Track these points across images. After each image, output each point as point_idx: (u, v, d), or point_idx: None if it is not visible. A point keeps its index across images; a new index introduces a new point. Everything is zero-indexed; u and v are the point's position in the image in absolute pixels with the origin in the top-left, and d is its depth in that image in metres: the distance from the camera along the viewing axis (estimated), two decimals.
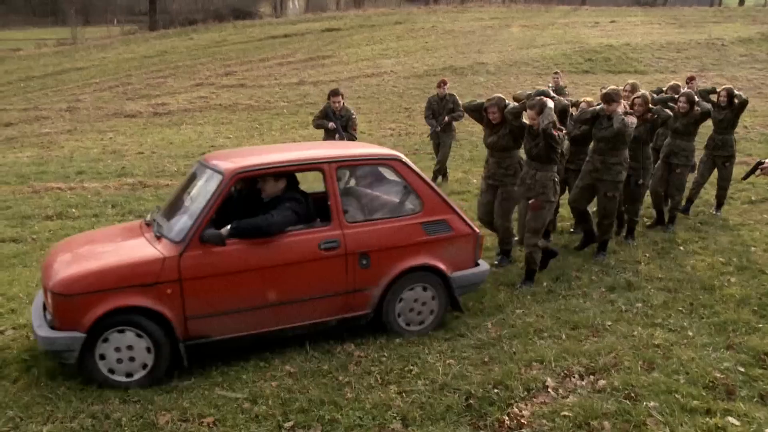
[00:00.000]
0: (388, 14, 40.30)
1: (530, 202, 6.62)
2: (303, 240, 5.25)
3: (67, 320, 4.73)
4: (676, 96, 8.58)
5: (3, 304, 6.54)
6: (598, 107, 7.38)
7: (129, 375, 4.89)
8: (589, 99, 8.27)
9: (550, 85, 11.99)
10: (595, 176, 7.37)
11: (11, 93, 24.69)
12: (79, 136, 17.33)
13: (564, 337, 5.37)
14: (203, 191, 5.27)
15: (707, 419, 4.12)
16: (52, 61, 32.06)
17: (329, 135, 9.54)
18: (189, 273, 4.92)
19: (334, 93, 9.66)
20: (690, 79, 10.98)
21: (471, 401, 4.39)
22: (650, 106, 7.74)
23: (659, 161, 8.74)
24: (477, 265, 5.96)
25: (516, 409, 4.28)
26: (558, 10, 39.29)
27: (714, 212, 9.27)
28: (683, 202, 9.08)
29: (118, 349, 4.84)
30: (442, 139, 11.30)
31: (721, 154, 9.13)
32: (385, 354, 5.17)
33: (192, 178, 5.68)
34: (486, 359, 5.00)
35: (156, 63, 29.17)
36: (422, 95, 18.40)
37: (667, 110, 7.88)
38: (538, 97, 6.61)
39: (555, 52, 25.21)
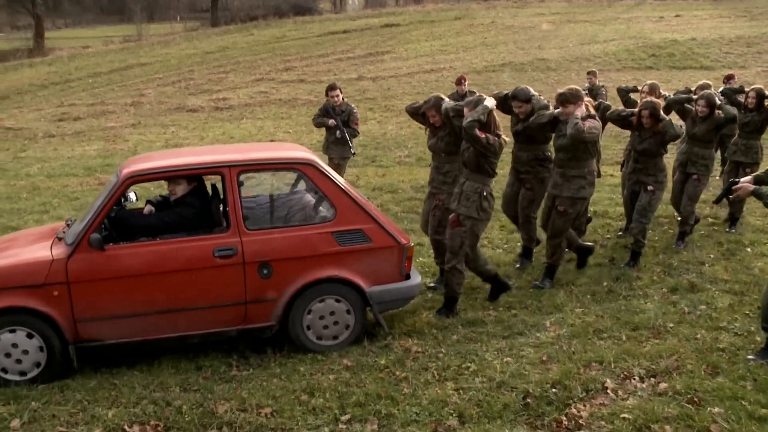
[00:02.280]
0: (447, 10, 40.12)
1: (450, 216, 6.03)
2: (195, 246, 5.11)
3: None
4: (695, 96, 7.74)
5: None
6: (556, 111, 6.51)
7: (23, 374, 4.98)
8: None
9: (586, 84, 11.57)
10: (555, 193, 6.54)
11: (80, 88, 25.47)
12: (143, 130, 17.76)
13: (624, 338, 5.27)
14: (101, 195, 5.25)
15: None
16: (118, 58, 32.95)
17: (331, 132, 9.22)
18: (76, 276, 4.94)
19: (332, 87, 9.31)
20: (728, 78, 10.20)
21: (528, 400, 4.34)
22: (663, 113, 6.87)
23: (676, 171, 7.90)
24: (405, 278, 5.52)
25: (574, 410, 4.22)
26: (621, 4, 38.44)
27: (727, 230, 8.15)
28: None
29: (14, 347, 4.93)
30: None
31: (745, 161, 8.18)
32: (443, 350, 5.16)
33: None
34: (544, 358, 4.94)
35: (217, 58, 29.68)
36: (481, 91, 18.22)
37: (730, 107, 7.48)
38: (479, 95, 6.10)
39: (617, 47, 24.70)
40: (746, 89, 8.44)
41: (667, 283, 6.55)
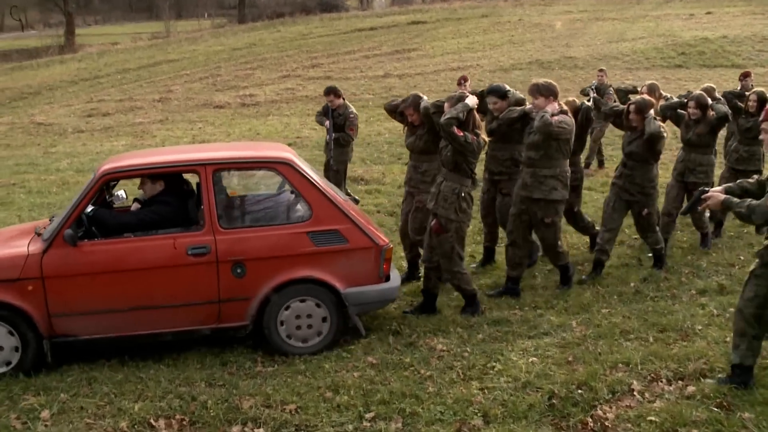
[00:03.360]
0: (474, 7, 39.99)
1: (432, 223, 5.83)
2: (169, 244, 5.11)
3: None
4: (686, 100, 7.36)
5: None
6: (527, 106, 6.22)
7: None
8: (572, 99, 7.08)
9: (594, 82, 11.35)
10: (524, 194, 6.15)
11: (109, 84, 25.76)
12: (170, 126, 17.90)
13: (651, 339, 5.21)
14: (79, 192, 5.29)
15: None
16: (146, 54, 33.27)
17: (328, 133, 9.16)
18: (51, 271, 4.98)
19: (327, 92, 9.21)
20: (744, 75, 9.62)
21: (554, 401, 4.31)
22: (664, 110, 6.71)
23: (672, 180, 7.48)
24: (384, 280, 5.41)
25: (600, 412, 4.18)
26: (650, 2, 37.98)
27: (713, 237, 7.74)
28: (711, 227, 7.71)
29: None
30: None
31: (746, 168, 7.56)
32: (468, 349, 5.13)
33: None
34: (570, 359, 4.90)
35: (244, 55, 29.85)
36: None
37: (721, 106, 7.09)
38: (461, 92, 5.97)
39: (646, 45, 24.43)
40: (747, 93, 7.95)
41: (695, 284, 6.47)
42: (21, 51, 44.03)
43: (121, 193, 5.92)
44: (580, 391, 4.40)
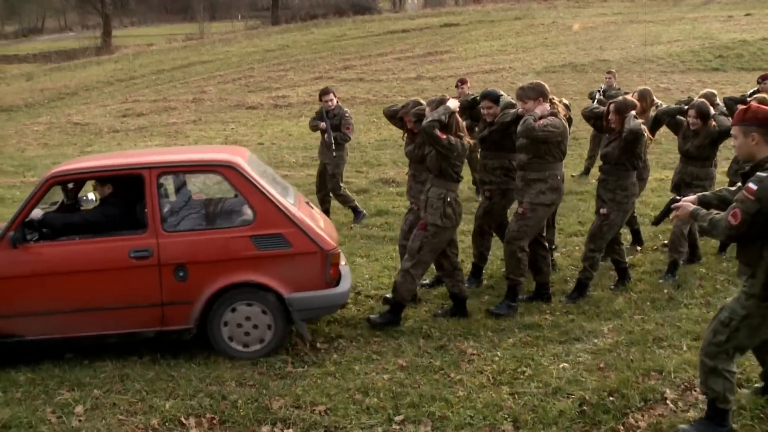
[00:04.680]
0: (507, 9, 39.80)
1: (420, 222, 5.76)
2: (111, 247, 5.12)
3: None
4: (686, 108, 6.83)
5: None
6: (521, 109, 5.95)
7: None
8: (566, 101, 6.78)
9: (602, 86, 11.09)
10: (518, 198, 6.05)
11: (144, 85, 26.11)
12: (203, 127, 18.09)
13: (685, 347, 5.13)
14: (28, 195, 5.32)
15: None
16: (180, 55, 33.66)
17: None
18: None
19: (325, 92, 9.13)
20: (763, 78, 8.62)
21: (585, 408, 4.27)
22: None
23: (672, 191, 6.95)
24: (332, 286, 5.33)
25: (632, 420, 4.13)
26: (687, 3, 37.50)
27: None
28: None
29: None
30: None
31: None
32: (498, 353, 5.11)
33: None
34: (601, 365, 4.85)
35: (277, 57, 30.05)
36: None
37: (724, 118, 6.57)
38: (442, 95, 5.79)
39: (682, 48, 24.08)
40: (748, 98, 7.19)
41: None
42: (60, 52, 44.94)
43: (90, 195, 5.99)
44: (611, 398, 4.36)
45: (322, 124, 9.02)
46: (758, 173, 3.61)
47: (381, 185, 11.08)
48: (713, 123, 6.58)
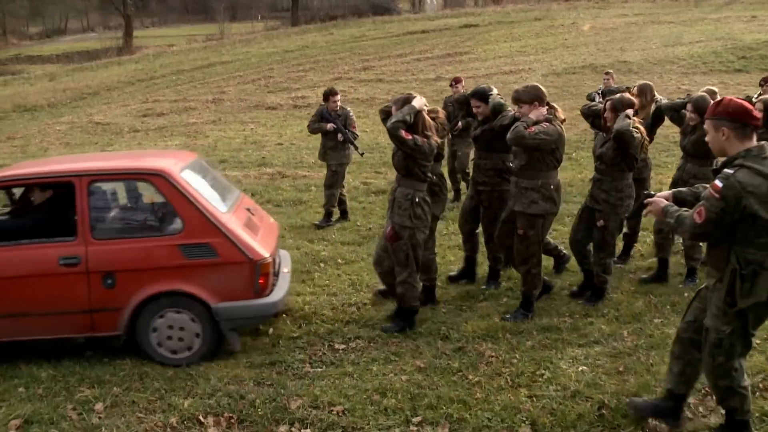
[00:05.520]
0: (527, 10, 39.63)
1: (386, 230, 5.68)
2: (41, 254, 5.14)
3: None
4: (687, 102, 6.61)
5: None
6: (516, 112, 5.79)
7: None
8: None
9: (601, 87, 10.98)
10: (510, 205, 5.89)
11: (164, 86, 26.28)
12: (223, 127, 18.16)
13: None
14: None
15: None
16: (200, 56, 33.84)
17: (329, 138, 8.99)
18: None
19: (333, 92, 9.02)
20: (765, 81, 8.65)
21: (604, 411, 4.24)
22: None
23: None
24: (262, 296, 5.30)
25: (651, 424, 4.10)
26: (709, 4, 37.09)
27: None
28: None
29: None
30: (458, 146, 9.75)
31: None
32: (517, 356, 5.08)
33: None
34: (621, 369, 4.81)
35: (297, 57, 30.12)
36: (560, 93, 17.95)
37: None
38: (408, 93, 5.72)
39: (704, 49, 23.84)
40: (754, 99, 6.94)
41: None
42: (82, 53, 45.47)
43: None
44: None
45: (330, 125, 8.92)
46: (725, 170, 3.49)
47: None
48: None
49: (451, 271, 7.00)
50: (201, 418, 4.35)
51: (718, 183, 3.45)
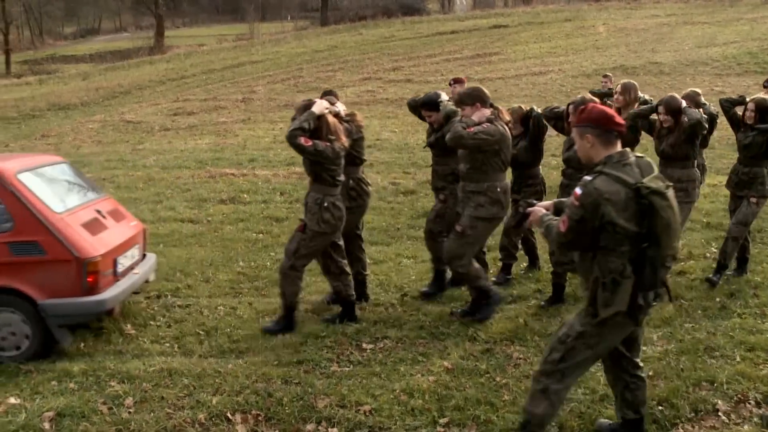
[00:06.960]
0: (557, 11, 39.31)
1: (299, 223, 5.78)
2: None
3: None
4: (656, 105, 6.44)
5: (181, 280, 7.07)
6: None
7: None
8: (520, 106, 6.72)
9: (597, 90, 10.75)
10: (458, 210, 5.87)
11: (194, 85, 26.51)
12: (252, 126, 18.27)
13: (738, 358, 5.01)
14: None
15: None
16: (230, 55, 34.08)
17: None
18: None
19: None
20: None
21: None
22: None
23: None
24: (91, 294, 5.37)
25: (682, 430, 4.05)
26: (745, 4, 36.42)
27: (713, 277, 6.61)
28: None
29: None
30: None
31: (749, 194, 6.51)
32: None
33: None
34: (650, 374, 4.75)
35: (326, 57, 30.20)
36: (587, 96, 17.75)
37: (693, 111, 6.18)
38: (309, 99, 5.76)
39: (738, 50, 23.46)
40: (747, 99, 6.69)
41: None
42: (114, 52, 46.11)
43: None
44: (660, 407, 4.30)
45: None
46: (585, 177, 3.45)
47: (428, 187, 11.03)
48: (685, 118, 6.15)
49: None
50: (229, 415, 4.38)
51: (577, 190, 3.42)
